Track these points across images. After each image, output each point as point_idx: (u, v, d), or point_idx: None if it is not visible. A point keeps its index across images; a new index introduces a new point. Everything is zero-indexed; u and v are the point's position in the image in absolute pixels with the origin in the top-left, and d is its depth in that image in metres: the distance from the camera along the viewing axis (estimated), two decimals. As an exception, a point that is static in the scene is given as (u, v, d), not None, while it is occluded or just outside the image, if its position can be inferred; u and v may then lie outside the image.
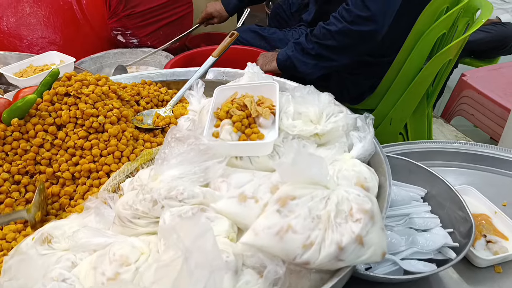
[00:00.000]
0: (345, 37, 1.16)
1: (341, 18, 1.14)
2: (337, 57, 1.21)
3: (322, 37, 1.18)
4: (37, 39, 1.53)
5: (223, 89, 0.78)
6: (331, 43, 1.18)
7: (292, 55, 1.22)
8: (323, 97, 0.74)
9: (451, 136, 2.18)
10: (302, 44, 1.22)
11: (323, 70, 1.23)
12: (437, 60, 1.21)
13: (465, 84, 2.19)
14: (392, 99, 1.33)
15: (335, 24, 1.15)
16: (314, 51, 1.20)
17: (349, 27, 1.13)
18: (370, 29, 1.13)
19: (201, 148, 0.63)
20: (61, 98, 0.77)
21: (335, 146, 0.69)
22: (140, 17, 1.63)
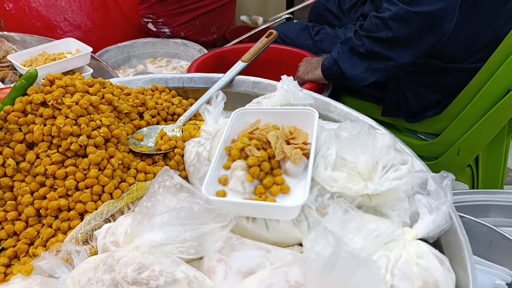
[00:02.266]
0: (402, 24, 0.88)
1: (396, 0, 0.88)
2: (394, 54, 0.93)
3: (373, 29, 0.92)
4: (61, 22, 1.40)
5: (243, 113, 0.58)
6: (385, 35, 0.91)
7: (338, 58, 0.98)
8: (381, 139, 0.52)
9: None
10: (350, 41, 0.97)
11: (377, 73, 0.97)
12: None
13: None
14: (464, 124, 1.07)
15: (388, 8, 0.89)
16: (364, 48, 0.95)
17: (407, 8, 0.86)
18: (435, 9, 0.85)
19: (195, 208, 0.44)
20: (36, 108, 0.60)
21: (393, 220, 0.47)
22: (174, 4, 1.44)
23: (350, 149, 0.50)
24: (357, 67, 0.97)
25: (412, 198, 0.50)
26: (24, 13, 1.36)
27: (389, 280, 0.41)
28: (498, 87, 0.97)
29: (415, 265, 0.42)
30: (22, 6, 1.35)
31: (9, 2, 1.35)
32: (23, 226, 0.55)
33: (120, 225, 0.52)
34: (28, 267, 0.48)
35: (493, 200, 0.78)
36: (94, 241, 0.55)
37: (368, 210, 0.50)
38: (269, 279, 0.38)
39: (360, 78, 0.98)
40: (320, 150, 0.52)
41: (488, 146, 1.12)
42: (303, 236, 0.47)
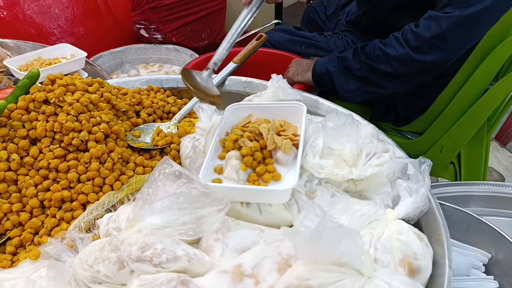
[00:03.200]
0: (403, 65, 0.93)
1: (404, 42, 0.92)
2: (387, 85, 0.99)
3: (375, 59, 0.97)
4: (55, 28, 1.43)
5: (236, 108, 0.62)
6: (384, 68, 0.96)
7: (333, 72, 1.03)
8: (364, 130, 0.56)
9: (507, 163, 1.92)
10: (347, 60, 1.01)
11: (366, 95, 1.02)
12: (508, 82, 0.99)
13: (527, 105, 1.91)
14: (445, 123, 1.12)
15: (395, 47, 0.93)
16: (360, 73, 1.00)
17: (411, 54, 0.91)
18: (437, 60, 0.90)
19: (193, 193, 0.47)
20: (39, 106, 0.63)
21: (376, 201, 0.51)
22: (166, 11, 1.49)
23: (336, 138, 0.54)
24: (349, 85, 1.02)
25: (394, 183, 0.54)
26: (18, 20, 1.38)
27: (372, 254, 0.45)
28: (475, 87, 1.03)
29: (396, 240, 0.46)
30: (16, 13, 1.38)
31: (3, 10, 1.37)
32: (27, 217, 0.58)
33: (122, 213, 0.55)
34: (35, 252, 0.50)
35: (473, 191, 0.83)
36: (96, 229, 0.58)
37: (353, 195, 0.54)
38: (263, 253, 0.42)
39: (350, 96, 1.03)
40: (308, 140, 0.56)
41: (469, 143, 1.17)
42: (294, 218, 0.51)
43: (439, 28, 0.86)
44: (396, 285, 0.38)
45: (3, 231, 0.58)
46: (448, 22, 0.85)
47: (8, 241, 0.57)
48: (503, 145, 2.05)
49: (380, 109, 1.18)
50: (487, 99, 1.02)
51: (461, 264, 0.62)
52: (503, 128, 2.10)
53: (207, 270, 0.44)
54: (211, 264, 0.44)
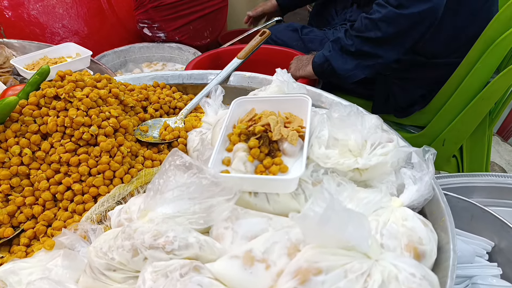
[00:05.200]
0: (390, 25, 0.95)
1: (385, 3, 0.95)
2: (382, 52, 1.00)
3: (363, 29, 0.99)
4: (59, 28, 1.44)
5: (242, 101, 0.63)
6: (374, 35, 0.98)
7: (330, 56, 1.04)
8: (368, 120, 0.57)
9: (509, 157, 1.93)
10: (341, 41, 1.03)
11: (366, 70, 1.03)
12: (509, 75, 1.00)
13: (529, 100, 1.92)
14: (447, 116, 1.13)
15: (378, 11, 0.96)
16: (354, 47, 1.01)
17: (395, 11, 0.93)
18: (422, 10, 0.92)
19: (204, 183, 0.48)
20: (49, 101, 0.64)
21: (381, 189, 0.52)
22: (168, 10, 1.50)
23: (341, 128, 0.55)
24: (347, 65, 1.04)
25: (399, 172, 0.55)
26: (23, 20, 1.40)
27: (378, 239, 0.46)
28: (477, 79, 1.04)
29: (401, 226, 0.47)
30: (21, 14, 1.39)
31: (8, 10, 1.39)
32: (40, 209, 0.59)
33: (133, 204, 0.56)
34: (50, 242, 0.52)
35: (476, 182, 0.84)
36: (107, 221, 0.59)
37: (359, 185, 0.55)
38: (273, 238, 0.43)
39: (350, 74, 1.04)
40: (314, 131, 0.57)
41: (471, 136, 1.19)
42: (301, 207, 0.52)
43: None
44: (402, 267, 0.39)
45: (17, 224, 0.60)
46: None
47: (22, 233, 0.59)
48: (504, 140, 2.06)
49: (380, 99, 1.19)
50: (489, 92, 1.04)
51: (465, 252, 0.63)
52: (504, 123, 2.11)
53: (218, 257, 0.45)
54: (222, 251, 0.46)
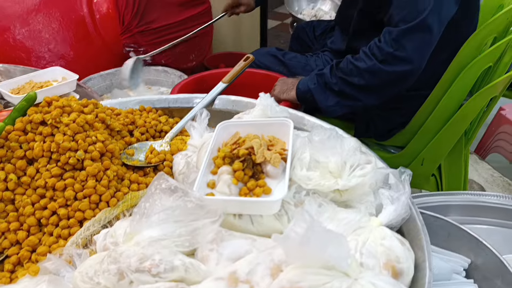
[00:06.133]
0: (374, 77, 1.01)
1: (371, 55, 1.00)
2: (363, 97, 1.06)
3: (348, 73, 1.04)
4: (45, 53, 1.45)
5: (227, 125, 0.65)
6: (357, 81, 1.03)
7: (314, 88, 1.09)
8: (348, 143, 0.60)
9: (487, 175, 1.99)
10: (325, 77, 1.08)
11: (345, 108, 1.08)
12: (480, 98, 1.05)
13: (504, 119, 2.00)
14: (425, 137, 1.17)
15: (364, 60, 1.01)
16: (337, 87, 1.06)
17: (379, 66, 0.99)
18: (404, 70, 0.98)
19: (189, 206, 0.50)
20: (36, 127, 0.65)
21: (360, 210, 0.54)
22: (154, 34, 1.53)
23: (322, 151, 0.57)
24: (329, 101, 1.08)
25: (377, 192, 0.58)
26: (9, 45, 1.41)
27: (358, 258, 0.48)
28: (451, 102, 1.09)
29: (380, 245, 0.49)
30: (7, 39, 1.40)
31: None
32: (25, 235, 0.60)
33: (118, 228, 0.57)
34: (35, 268, 0.52)
35: (452, 200, 0.87)
36: (93, 245, 0.59)
37: (339, 205, 0.57)
38: (256, 260, 0.45)
39: (330, 110, 1.09)
40: (296, 154, 0.59)
41: (449, 156, 1.23)
42: (284, 228, 0.54)
43: (396, 40, 0.95)
44: (381, 285, 0.41)
45: (0, 249, 0.60)
46: (402, 33, 0.95)
47: (6, 259, 0.59)
48: (482, 158, 2.12)
49: (361, 125, 1.24)
50: (463, 114, 1.08)
51: (442, 270, 0.65)
52: (481, 141, 2.18)
53: (204, 279, 0.46)
54: (207, 273, 0.47)
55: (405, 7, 0.95)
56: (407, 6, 0.95)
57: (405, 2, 0.95)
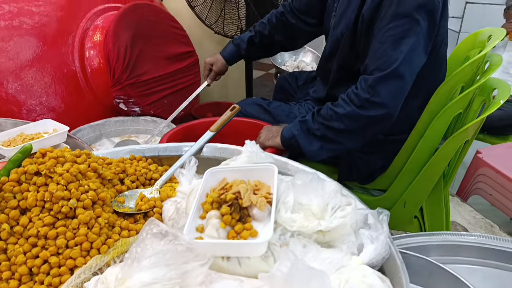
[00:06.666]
0: (353, 121, 1.08)
1: (349, 101, 1.08)
2: (345, 140, 1.12)
3: (329, 118, 1.11)
4: (37, 106, 1.50)
5: (214, 171, 0.69)
6: (338, 126, 1.09)
7: (297, 135, 1.15)
8: (329, 185, 0.64)
9: (469, 217, 2.03)
10: (308, 123, 1.14)
11: (329, 152, 1.14)
12: (454, 141, 1.11)
13: (481, 162, 2.08)
14: (405, 180, 1.22)
15: (343, 106, 1.08)
16: (319, 132, 1.12)
17: (357, 111, 1.06)
18: (380, 114, 1.05)
19: (179, 249, 0.52)
20: (30, 177, 0.68)
21: (342, 249, 0.57)
22: (144, 86, 1.60)
23: (305, 194, 0.61)
24: (312, 146, 1.14)
25: (358, 232, 0.61)
26: (1, 99, 1.44)
27: (341, 297, 0.50)
28: (427, 146, 1.15)
29: (361, 283, 0.52)
30: (0, 93, 1.45)
31: (-14, 89, 1.44)
32: (17, 284, 0.60)
33: (109, 274, 0.58)
34: (26, 317, 0.53)
35: (433, 241, 0.90)
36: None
37: (323, 246, 0.60)
38: (244, 299, 0.47)
39: (314, 154, 1.14)
40: (280, 197, 0.62)
41: (429, 198, 1.27)
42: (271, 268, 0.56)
43: (372, 87, 1.03)
44: (362, 320, 0.43)
45: (-10, 300, 0.60)
46: (377, 81, 1.02)
47: (-4, 309, 0.59)
48: (464, 201, 2.17)
49: (344, 169, 1.29)
50: (439, 157, 1.14)
51: (426, 308, 0.67)
52: (462, 184, 2.24)
53: (194, 320, 0.48)
54: (197, 314, 0.48)
55: (379, 58, 1.03)
56: (381, 56, 1.03)
57: (379, 53, 1.04)
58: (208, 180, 0.68)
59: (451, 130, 1.21)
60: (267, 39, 1.53)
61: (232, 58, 1.56)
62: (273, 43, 1.55)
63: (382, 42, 1.02)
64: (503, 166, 1.97)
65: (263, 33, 1.52)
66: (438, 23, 1.06)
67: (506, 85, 1.19)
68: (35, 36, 1.54)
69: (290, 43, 1.58)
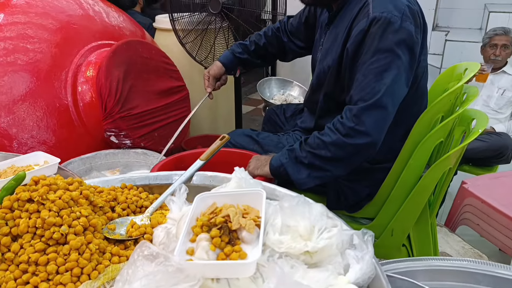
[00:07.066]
0: (339, 149, 1.12)
1: (335, 130, 1.12)
2: (331, 167, 1.15)
3: (315, 147, 1.15)
4: (28, 139, 1.51)
5: (204, 196, 0.71)
6: (324, 154, 1.13)
7: (286, 163, 1.18)
8: (315, 208, 0.66)
9: (458, 247, 2.04)
10: (295, 151, 1.18)
11: (316, 180, 1.17)
12: (437, 169, 1.15)
13: (467, 192, 2.12)
14: (392, 208, 1.25)
15: (329, 135, 1.13)
16: (307, 160, 1.16)
17: (343, 139, 1.10)
18: (364, 142, 1.09)
19: (170, 270, 0.53)
20: (22, 204, 0.69)
21: (328, 269, 0.59)
22: (135, 119, 1.63)
23: (292, 216, 0.63)
24: (300, 174, 1.17)
25: (344, 253, 0.63)
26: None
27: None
28: (411, 174, 1.18)
29: (348, 301, 0.53)
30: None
31: (-22, 124, 1.46)
32: (3, 312, 0.60)
33: (100, 298, 0.59)
34: None
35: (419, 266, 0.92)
36: (73, 318, 0.60)
37: (310, 267, 0.62)
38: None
39: (302, 182, 1.17)
40: (268, 220, 0.65)
41: (416, 226, 1.29)
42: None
43: (356, 116, 1.08)
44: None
45: (-22, 328, 0.59)
46: (361, 110, 1.08)
47: (-17, 337, 0.58)
48: (452, 231, 2.19)
49: (332, 198, 1.31)
50: (423, 184, 1.17)
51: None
52: (450, 215, 2.27)
53: None
54: (187, 334, 0.49)
55: (363, 89, 1.09)
56: (365, 88, 1.09)
57: (363, 85, 1.09)
58: (198, 205, 0.69)
59: (434, 159, 1.26)
60: (261, 50, 1.63)
61: (227, 61, 1.62)
62: (266, 54, 1.65)
63: (365, 74, 1.08)
64: (488, 196, 2.01)
65: (258, 44, 1.61)
66: (418, 57, 1.13)
67: (484, 116, 1.25)
68: (28, 71, 1.57)
69: (281, 56, 1.69)
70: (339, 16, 1.25)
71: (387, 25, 1.05)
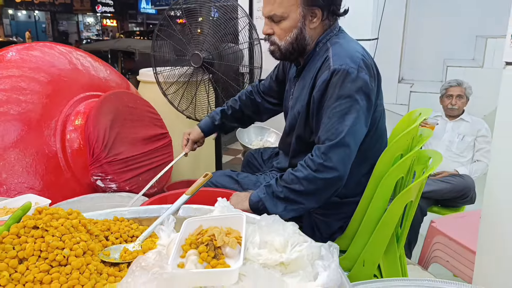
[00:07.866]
0: (310, 183, 1.25)
1: (306, 166, 1.26)
2: (305, 200, 1.27)
3: (290, 182, 1.27)
4: (16, 184, 1.57)
5: (192, 221, 0.81)
6: (298, 188, 1.26)
7: (264, 198, 1.29)
8: (288, 226, 0.77)
9: (430, 283, 2.13)
10: (272, 187, 1.30)
11: (292, 212, 1.28)
12: (399, 201, 1.28)
13: (436, 231, 2.25)
14: (362, 240, 1.35)
15: (301, 171, 1.26)
16: (283, 194, 1.27)
17: (314, 174, 1.24)
18: (333, 176, 1.23)
19: (165, 277, 0.62)
20: (28, 231, 0.77)
21: (300, 274, 0.69)
22: (121, 164, 1.72)
23: (268, 233, 0.74)
24: (277, 208, 1.28)
25: (314, 264, 0.73)
26: (-18, 177, 1.52)
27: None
28: (377, 208, 1.31)
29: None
30: (-18, 173, 1.52)
31: (-32, 170, 1.52)
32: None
33: (100, 309, 0.66)
34: None
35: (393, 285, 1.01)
36: (74, 330, 0.67)
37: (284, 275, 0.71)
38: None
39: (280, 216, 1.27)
40: (248, 238, 0.75)
41: (385, 257, 1.40)
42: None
43: (324, 154, 1.22)
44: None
45: None
46: (328, 148, 1.22)
47: None
48: (425, 269, 2.29)
49: (307, 231, 1.42)
50: (388, 217, 1.29)
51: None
52: (422, 253, 2.38)
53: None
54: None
55: (328, 130, 1.25)
56: (330, 129, 1.25)
57: (328, 126, 1.25)
58: (186, 228, 0.79)
59: (397, 193, 1.39)
60: (237, 113, 1.78)
61: (206, 128, 1.76)
62: (243, 116, 1.80)
63: (330, 117, 1.24)
64: (455, 233, 2.14)
65: (234, 108, 1.78)
66: (374, 102, 1.30)
67: (439, 155, 1.41)
68: (20, 121, 1.67)
69: (256, 117, 1.84)
70: (305, 69, 1.44)
71: (346, 75, 1.23)
